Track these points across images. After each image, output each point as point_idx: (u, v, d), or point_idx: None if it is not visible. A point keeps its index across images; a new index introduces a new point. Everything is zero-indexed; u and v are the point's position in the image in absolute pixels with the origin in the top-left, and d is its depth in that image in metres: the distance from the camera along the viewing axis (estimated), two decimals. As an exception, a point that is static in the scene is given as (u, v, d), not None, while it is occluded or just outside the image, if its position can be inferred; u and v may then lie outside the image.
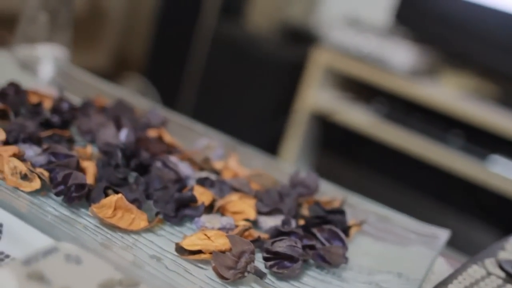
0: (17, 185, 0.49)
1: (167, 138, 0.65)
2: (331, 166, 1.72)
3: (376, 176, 1.66)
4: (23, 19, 0.79)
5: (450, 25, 1.65)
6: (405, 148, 1.55)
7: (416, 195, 1.61)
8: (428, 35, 1.70)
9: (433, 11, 1.68)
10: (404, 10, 1.71)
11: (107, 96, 0.76)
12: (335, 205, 0.61)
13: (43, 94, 0.66)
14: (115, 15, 2.12)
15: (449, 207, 1.57)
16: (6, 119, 0.60)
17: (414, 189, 1.62)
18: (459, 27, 1.64)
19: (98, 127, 0.61)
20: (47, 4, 0.78)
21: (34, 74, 0.76)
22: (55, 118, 0.61)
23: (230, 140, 0.69)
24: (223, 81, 1.90)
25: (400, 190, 1.62)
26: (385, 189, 1.63)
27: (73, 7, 0.81)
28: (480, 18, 1.62)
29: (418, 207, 1.58)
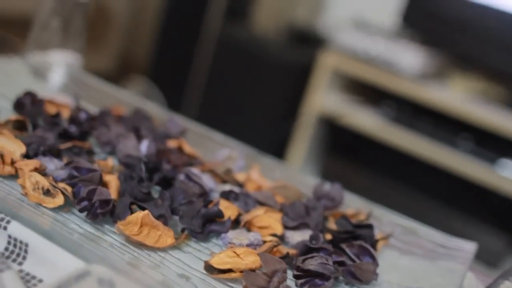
0: (40, 201, 0.47)
1: (187, 149, 0.63)
2: (339, 169, 1.70)
3: (384, 180, 1.64)
4: (36, 25, 0.78)
5: (457, 27, 1.64)
6: (413, 151, 1.54)
7: (425, 199, 1.59)
8: (436, 37, 1.68)
9: (440, 13, 1.67)
10: (411, 12, 1.70)
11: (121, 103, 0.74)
12: (361, 218, 0.59)
13: (60, 104, 0.65)
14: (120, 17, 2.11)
15: (458, 211, 1.56)
16: (23, 130, 0.58)
17: (422, 193, 1.60)
18: (467, 29, 1.63)
19: (118, 138, 0.59)
20: (61, 10, 0.77)
21: (47, 81, 0.74)
22: (74, 129, 0.60)
23: (250, 150, 0.68)
24: (228, 84, 1.89)
25: (408, 193, 1.61)
26: (393, 193, 1.61)
27: (86, 13, 0.79)
28: (488, 20, 1.60)
29: (426, 211, 1.57)
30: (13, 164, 0.50)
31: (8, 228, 0.43)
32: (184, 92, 1.95)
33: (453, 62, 1.66)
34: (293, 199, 0.59)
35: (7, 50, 0.79)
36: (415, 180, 1.63)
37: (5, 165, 0.50)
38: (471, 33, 1.62)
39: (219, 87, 1.90)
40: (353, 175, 1.67)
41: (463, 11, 1.65)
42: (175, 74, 1.98)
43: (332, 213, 0.58)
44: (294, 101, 1.76)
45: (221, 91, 1.90)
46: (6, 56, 0.78)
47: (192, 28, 1.93)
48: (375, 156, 1.70)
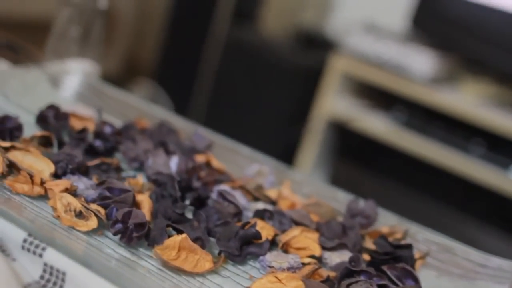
0: (72, 224, 0.45)
1: (215, 164, 0.62)
2: (348, 174, 1.69)
3: (394, 185, 1.63)
4: (53, 33, 0.76)
5: (468, 30, 1.62)
6: (424, 156, 1.52)
7: (436, 204, 1.58)
8: (446, 40, 1.67)
9: (450, 16, 1.65)
10: (421, 15, 1.68)
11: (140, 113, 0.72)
12: (397, 236, 0.57)
13: (83, 117, 0.63)
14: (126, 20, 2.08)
15: (470, 217, 1.54)
16: (48, 146, 0.56)
17: (434, 198, 1.59)
18: (477, 32, 1.61)
19: (146, 154, 0.57)
20: (80, 18, 0.75)
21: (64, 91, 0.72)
22: (100, 144, 0.58)
23: (278, 164, 0.66)
24: (235, 87, 1.87)
25: (419, 199, 1.59)
26: (403, 198, 1.60)
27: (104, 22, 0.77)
28: (499, 23, 1.59)
29: (438, 216, 1.55)
30: (42, 184, 0.48)
31: (43, 256, 0.41)
32: (191, 96, 1.93)
33: (464, 66, 1.65)
34: (327, 217, 0.58)
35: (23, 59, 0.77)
36: (426, 185, 1.61)
37: (34, 185, 0.48)
38: (481, 36, 1.61)
39: (226, 90, 1.88)
40: (363, 180, 1.66)
41: (473, 14, 1.63)
42: (182, 77, 1.96)
43: (368, 232, 0.57)
44: (303, 105, 1.74)
45: (229, 95, 1.88)
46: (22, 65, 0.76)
47: (199, 31, 1.91)
48: (386, 161, 1.68)
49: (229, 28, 1.87)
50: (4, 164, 0.49)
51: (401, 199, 1.60)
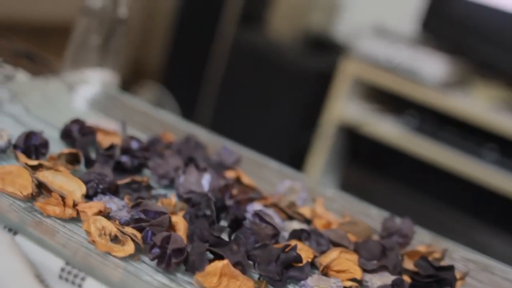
0: (108, 250, 0.43)
1: (245, 180, 0.60)
2: (359, 179, 1.67)
3: (406, 190, 1.61)
4: (73, 43, 0.74)
5: (479, 34, 1.61)
6: (436, 161, 1.51)
7: (448, 210, 1.56)
8: (457, 44, 1.65)
9: (461, 19, 1.63)
10: (430, 18, 1.66)
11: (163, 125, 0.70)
12: (436, 256, 0.56)
13: (108, 131, 0.61)
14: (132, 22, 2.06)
15: (482, 223, 1.53)
16: (75, 163, 0.54)
17: (445, 204, 1.57)
18: (488, 36, 1.60)
19: (176, 171, 0.56)
20: (100, 27, 0.73)
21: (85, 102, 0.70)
22: (127, 160, 0.56)
23: (308, 179, 0.64)
24: (243, 91, 1.85)
25: (431, 205, 1.57)
26: (415, 204, 1.58)
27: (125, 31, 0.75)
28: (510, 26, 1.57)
29: (450, 222, 1.53)
30: (74, 207, 0.46)
31: (83, 286, 0.39)
32: (198, 99, 1.91)
33: (475, 70, 1.63)
34: (363, 236, 0.56)
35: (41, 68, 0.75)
36: (438, 191, 1.60)
37: (66, 207, 0.46)
38: (492, 39, 1.59)
39: (233, 94, 1.86)
40: (374, 185, 1.64)
41: (484, 17, 1.61)
42: (188, 81, 1.94)
43: (406, 252, 0.55)
44: (312, 109, 1.72)
45: (236, 99, 1.86)
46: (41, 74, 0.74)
47: (206, 34, 1.89)
48: (396, 166, 1.66)
49: (236, 31, 1.85)
50: (33, 184, 0.47)
51: (412, 205, 1.58)
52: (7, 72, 0.69)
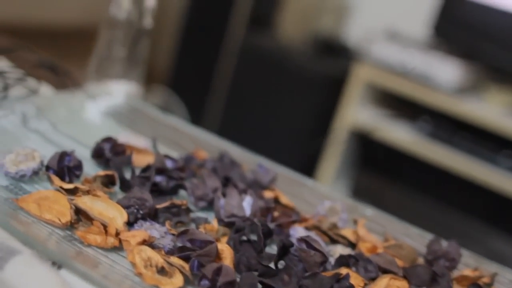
0: (156, 283, 0.41)
1: (283, 201, 0.57)
2: (371, 185, 1.65)
3: (419, 197, 1.59)
4: (97, 54, 0.71)
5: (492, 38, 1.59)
6: (450, 168, 1.49)
7: (463, 217, 1.54)
8: (469, 48, 1.63)
9: (473, 23, 1.61)
10: (442, 22, 1.64)
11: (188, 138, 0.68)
12: (485, 281, 0.53)
13: (140, 149, 0.58)
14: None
15: (497, 230, 1.51)
16: (109, 185, 0.52)
17: (460, 211, 1.55)
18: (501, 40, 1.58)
19: (214, 192, 0.53)
20: (125, 38, 0.70)
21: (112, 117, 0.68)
22: (163, 182, 0.53)
23: (346, 198, 0.62)
24: (252, 95, 1.82)
25: (445, 211, 1.55)
26: (429, 210, 1.56)
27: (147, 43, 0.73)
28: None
29: (465, 229, 1.52)
30: (117, 235, 0.44)
31: (136, 326, 0.37)
32: (206, 104, 1.89)
33: (488, 75, 1.61)
34: (409, 259, 0.54)
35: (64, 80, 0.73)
36: (453, 197, 1.58)
37: (108, 236, 0.44)
38: (506, 44, 1.57)
39: (242, 99, 1.84)
40: (386, 191, 1.62)
41: (497, 21, 1.59)
42: (197, 85, 1.91)
43: (455, 276, 0.53)
44: (322, 114, 1.70)
45: (245, 103, 1.84)
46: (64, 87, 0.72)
47: (214, 37, 1.86)
48: (410, 173, 1.64)
49: (245, 34, 1.82)
50: (72, 211, 0.45)
51: (426, 211, 1.56)
52: (31, 85, 0.66)
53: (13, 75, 0.68)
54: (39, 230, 0.44)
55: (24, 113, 0.60)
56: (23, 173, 0.49)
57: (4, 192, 0.48)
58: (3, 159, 0.50)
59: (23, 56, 0.71)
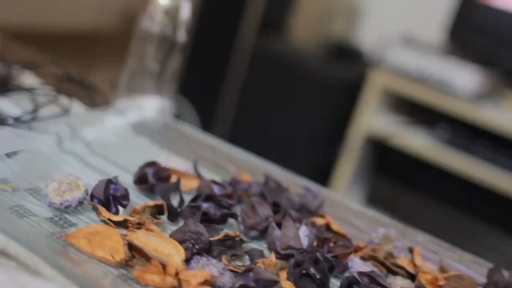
0: (222, 328, 0.38)
1: (335, 228, 0.55)
2: (387, 192, 1.62)
3: (436, 204, 1.57)
4: (128, 69, 0.68)
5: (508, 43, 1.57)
6: (469, 175, 1.46)
7: (480, 225, 1.52)
8: (485, 53, 1.61)
9: (489, 28, 1.59)
10: (458, 27, 1.62)
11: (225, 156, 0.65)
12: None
13: (184, 173, 0.56)
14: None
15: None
16: (157, 216, 0.49)
17: (478, 219, 1.53)
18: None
19: (267, 221, 0.50)
20: (157, 52, 0.67)
21: (145, 133, 0.65)
22: (212, 209, 0.50)
23: (396, 223, 0.59)
24: (263, 101, 1.79)
25: (462, 219, 1.53)
26: (446, 217, 1.54)
27: (183, 53, 0.70)
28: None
29: (483, 237, 1.49)
30: (176, 275, 0.41)
31: None
32: (216, 109, 1.86)
33: (507, 81, 1.59)
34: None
35: (93, 96, 0.70)
36: (470, 205, 1.55)
37: (166, 275, 0.41)
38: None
39: (253, 104, 1.81)
40: (402, 198, 1.60)
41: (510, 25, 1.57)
42: (207, 90, 1.88)
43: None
44: (336, 120, 1.68)
45: (256, 109, 1.81)
46: (93, 102, 0.69)
47: (225, 41, 1.83)
48: (426, 180, 1.62)
49: (256, 38, 1.80)
50: (125, 247, 0.42)
51: (441, 219, 1.54)
52: (63, 103, 0.63)
53: (43, 91, 0.65)
54: (92, 269, 0.41)
55: (58, 134, 0.57)
56: (69, 204, 0.46)
57: (49, 225, 0.45)
58: (45, 189, 0.47)
59: (50, 71, 0.68)
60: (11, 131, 0.49)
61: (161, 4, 0.66)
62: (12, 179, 0.49)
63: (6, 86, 0.64)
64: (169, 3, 0.66)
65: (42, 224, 0.44)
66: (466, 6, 1.61)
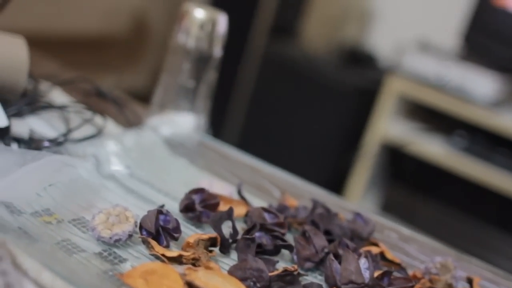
0: None
1: (389, 256, 0.52)
2: (402, 199, 1.60)
3: (453, 213, 1.55)
4: (162, 85, 0.66)
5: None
6: (487, 183, 1.44)
7: (499, 233, 1.50)
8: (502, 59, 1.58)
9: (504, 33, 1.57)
10: (473, 32, 1.60)
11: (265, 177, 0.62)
12: None
13: (231, 200, 0.53)
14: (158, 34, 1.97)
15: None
16: (210, 249, 0.46)
17: (496, 227, 1.51)
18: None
19: (323, 252, 0.48)
20: (192, 68, 0.65)
21: (181, 152, 0.62)
22: (265, 240, 0.48)
23: (447, 249, 0.56)
24: (274, 106, 1.77)
25: (480, 227, 1.51)
26: (463, 226, 1.52)
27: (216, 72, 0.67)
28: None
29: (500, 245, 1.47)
30: (241, 318, 0.38)
31: None
32: (226, 115, 1.83)
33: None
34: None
35: (126, 113, 0.67)
36: (487, 213, 1.53)
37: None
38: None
39: (264, 110, 1.78)
40: (417, 206, 1.57)
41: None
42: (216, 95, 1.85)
43: None
44: (350, 126, 1.65)
45: (267, 114, 1.78)
46: (127, 120, 0.66)
47: (235, 45, 1.80)
48: (443, 188, 1.60)
49: (267, 43, 1.77)
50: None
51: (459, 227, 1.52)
52: (98, 122, 0.61)
53: (74, 109, 0.63)
54: (152, 312, 0.38)
55: (96, 156, 0.54)
56: (118, 238, 0.44)
57: (100, 262, 0.42)
58: (92, 221, 0.44)
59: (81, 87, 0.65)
60: (56, 160, 0.47)
61: (197, 17, 0.63)
62: (55, 210, 0.46)
63: (35, 103, 0.61)
64: (205, 17, 0.64)
65: (92, 261, 0.42)
66: (482, 11, 1.58)
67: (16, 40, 0.60)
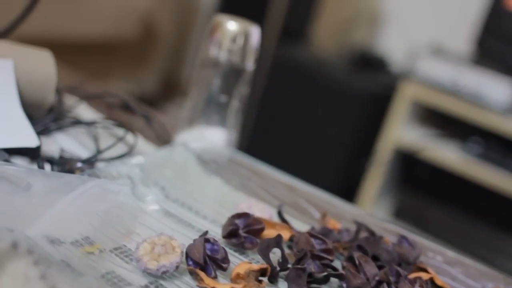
0: None
1: (439, 282, 0.50)
2: (415, 206, 1.58)
3: (467, 219, 1.53)
4: (192, 100, 0.63)
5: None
6: (502, 190, 1.42)
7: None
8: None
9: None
10: (486, 36, 1.58)
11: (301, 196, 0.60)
12: None
13: (274, 224, 0.51)
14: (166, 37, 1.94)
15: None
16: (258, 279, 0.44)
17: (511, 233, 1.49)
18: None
19: (374, 280, 0.46)
20: (223, 82, 0.62)
21: (214, 170, 0.60)
22: (316, 269, 0.46)
23: (495, 272, 0.54)
24: (283, 111, 1.75)
25: (494, 233, 1.49)
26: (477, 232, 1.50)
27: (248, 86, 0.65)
28: None
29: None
30: None
31: None
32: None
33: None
34: None
35: (156, 129, 0.64)
36: (502, 220, 1.52)
37: None
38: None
39: (273, 114, 1.76)
40: (430, 212, 1.55)
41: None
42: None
43: None
44: (362, 131, 1.63)
45: (276, 119, 1.76)
46: (157, 137, 0.63)
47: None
48: (457, 194, 1.58)
49: (277, 46, 1.75)
50: (242, 326, 0.37)
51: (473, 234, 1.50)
52: (128, 140, 0.58)
53: (103, 125, 0.60)
54: None
55: (131, 177, 0.52)
56: (166, 270, 0.41)
57: (147, 296, 0.40)
58: (137, 251, 0.42)
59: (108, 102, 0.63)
60: (99, 186, 0.44)
61: (230, 30, 0.61)
62: (94, 238, 0.44)
63: (63, 119, 0.59)
64: (238, 29, 0.61)
65: (139, 295, 0.39)
66: (495, 15, 1.57)
67: (43, 53, 0.58)
